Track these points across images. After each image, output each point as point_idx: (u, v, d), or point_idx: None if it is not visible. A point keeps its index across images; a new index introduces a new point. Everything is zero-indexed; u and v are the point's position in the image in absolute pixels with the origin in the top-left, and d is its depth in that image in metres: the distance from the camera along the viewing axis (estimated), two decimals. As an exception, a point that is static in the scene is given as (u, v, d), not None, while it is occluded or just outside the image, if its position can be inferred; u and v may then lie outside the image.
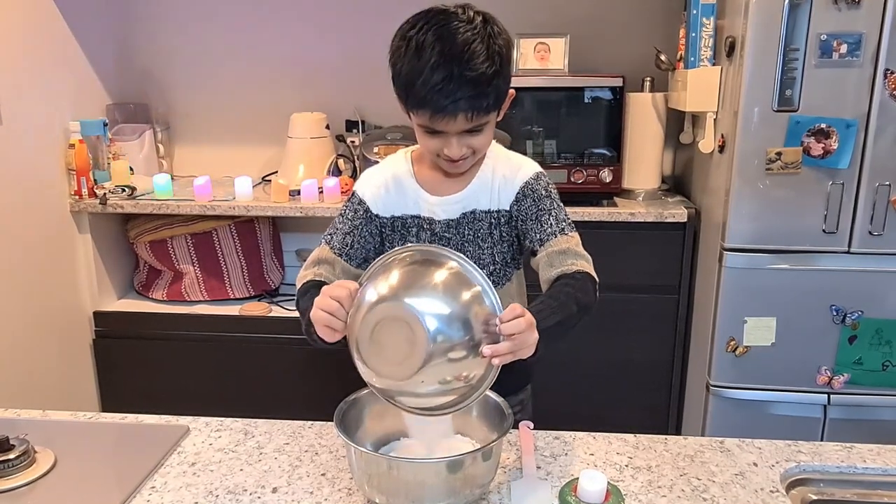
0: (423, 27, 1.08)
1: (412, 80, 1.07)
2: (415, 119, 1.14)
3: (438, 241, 1.24)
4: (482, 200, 1.24)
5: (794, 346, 2.05)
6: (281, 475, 1.06)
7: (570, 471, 1.06)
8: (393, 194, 1.26)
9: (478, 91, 1.07)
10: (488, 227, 1.24)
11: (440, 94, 1.06)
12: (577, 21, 2.56)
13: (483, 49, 1.07)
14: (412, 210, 1.26)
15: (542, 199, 1.23)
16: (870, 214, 1.94)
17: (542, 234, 1.21)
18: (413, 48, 1.08)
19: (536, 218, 1.23)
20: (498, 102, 1.13)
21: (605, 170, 2.33)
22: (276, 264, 2.75)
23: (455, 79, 1.05)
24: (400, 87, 1.12)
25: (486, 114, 1.11)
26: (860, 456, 1.11)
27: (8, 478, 1.03)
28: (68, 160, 2.40)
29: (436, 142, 1.14)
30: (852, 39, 1.83)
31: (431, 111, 1.08)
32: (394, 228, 1.27)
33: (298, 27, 2.74)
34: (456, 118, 1.09)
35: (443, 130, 1.12)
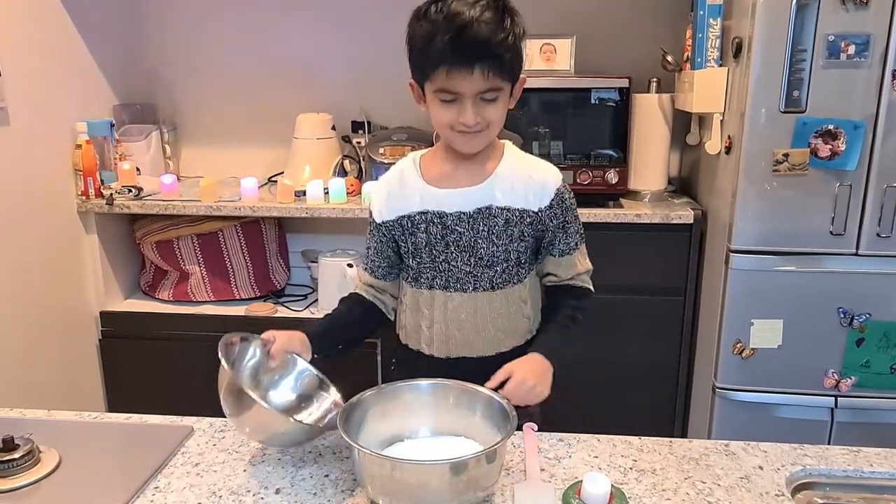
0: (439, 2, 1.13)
1: (430, 37, 1.11)
2: (430, 88, 1.16)
3: (451, 234, 1.24)
4: (499, 197, 1.23)
5: (801, 348, 2.04)
6: (284, 476, 1.06)
7: (573, 473, 1.06)
8: (396, 196, 1.27)
9: (492, 47, 1.10)
10: (504, 224, 1.23)
11: (455, 47, 1.09)
12: (584, 22, 2.55)
13: (493, 14, 1.11)
14: (417, 207, 1.25)
15: (568, 211, 1.28)
16: (878, 216, 1.93)
17: (565, 247, 1.29)
18: (427, 17, 1.12)
19: (563, 228, 1.28)
20: (513, 70, 1.15)
21: (612, 171, 2.32)
22: (281, 265, 2.75)
23: (469, 34, 1.08)
24: (417, 51, 1.15)
25: (501, 76, 1.12)
26: (867, 460, 1.11)
27: (12, 477, 1.03)
28: (75, 161, 2.41)
29: (450, 112, 1.15)
30: (860, 40, 1.82)
31: (448, 66, 1.10)
32: (402, 229, 1.27)
33: (305, 28, 2.74)
34: (472, 73, 1.10)
35: (458, 92, 1.12)
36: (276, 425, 1.05)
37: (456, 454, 0.95)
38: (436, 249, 1.25)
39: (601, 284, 1.35)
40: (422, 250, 1.27)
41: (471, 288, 1.26)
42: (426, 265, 1.27)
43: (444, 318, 1.28)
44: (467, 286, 1.26)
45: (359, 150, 2.63)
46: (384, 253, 1.33)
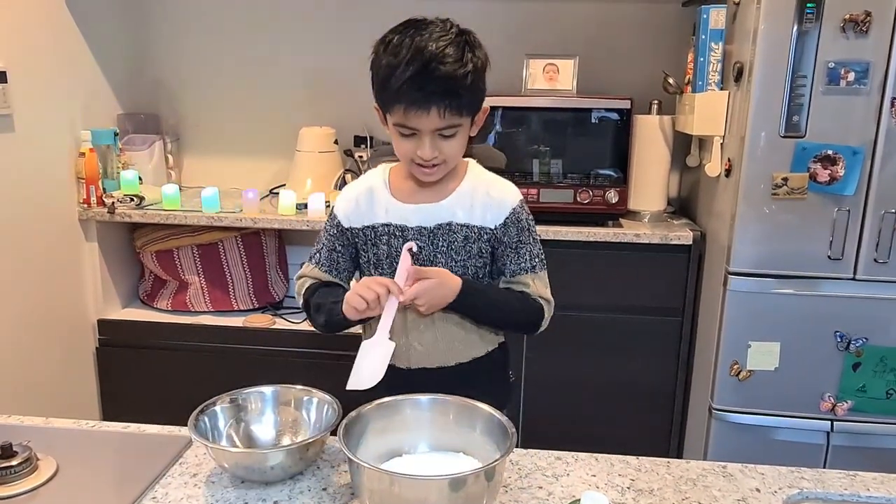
0: (402, 32, 1.17)
1: (388, 75, 1.14)
2: (390, 120, 1.20)
3: None
4: (459, 214, 1.26)
5: (798, 371, 2.04)
6: (282, 488, 1.06)
7: (571, 492, 1.06)
8: (363, 205, 1.30)
9: (450, 86, 1.12)
10: (464, 241, 1.26)
11: (413, 86, 1.12)
12: (587, 43, 2.58)
13: (455, 51, 1.14)
14: (382, 219, 1.28)
15: (523, 231, 1.29)
16: (875, 241, 1.95)
17: (516, 267, 1.29)
18: (390, 49, 1.16)
19: (515, 249, 1.28)
20: (471, 106, 1.18)
21: (612, 190, 2.33)
22: (280, 277, 2.76)
23: (429, 72, 1.11)
24: (377, 85, 1.19)
25: (459, 114, 1.15)
26: (864, 484, 1.11)
27: (10, 484, 1.02)
28: (78, 168, 2.42)
29: (409, 144, 1.19)
30: (860, 67, 1.85)
31: (405, 104, 1.13)
32: (365, 238, 1.30)
33: (310, 43, 2.77)
34: (429, 112, 1.13)
35: (416, 129, 1.16)
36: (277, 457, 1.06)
37: (455, 470, 0.95)
38: (396, 262, 1.27)
39: (600, 304, 1.35)
40: (383, 262, 1.29)
41: None
42: (386, 276, 1.28)
43: (403, 330, 1.29)
44: None
45: (360, 165, 2.64)
46: (344, 255, 1.34)
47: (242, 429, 1.16)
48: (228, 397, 1.16)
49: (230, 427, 1.14)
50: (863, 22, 1.82)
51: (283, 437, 1.17)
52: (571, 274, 2.24)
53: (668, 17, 2.59)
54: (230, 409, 1.15)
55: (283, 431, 1.17)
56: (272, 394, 1.19)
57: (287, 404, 1.19)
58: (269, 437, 1.17)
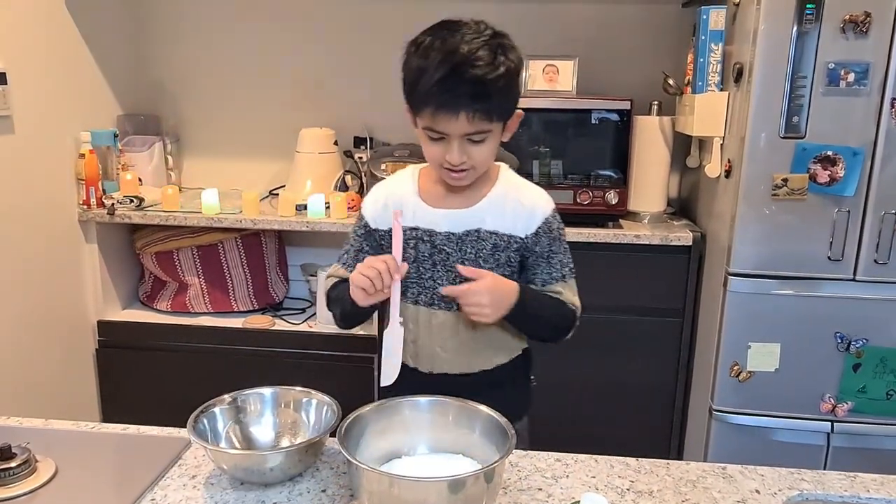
0: (434, 33, 1.13)
1: (418, 77, 1.11)
2: (420, 123, 1.17)
3: (438, 253, 1.24)
4: (488, 221, 1.24)
5: (798, 372, 2.04)
6: (281, 490, 1.05)
7: (571, 493, 1.06)
8: (391, 207, 1.27)
9: (480, 90, 1.09)
10: (492, 249, 1.24)
11: (442, 89, 1.09)
12: (587, 44, 2.58)
13: (487, 54, 1.10)
14: (410, 222, 1.26)
15: (555, 241, 1.26)
16: (875, 242, 1.95)
17: (547, 276, 1.27)
18: (421, 50, 1.12)
19: (547, 259, 1.26)
20: (502, 112, 1.15)
21: (612, 191, 2.33)
22: (280, 278, 2.75)
23: (458, 76, 1.08)
24: (407, 87, 1.15)
25: (488, 119, 1.13)
26: (864, 486, 1.11)
27: (9, 486, 1.02)
28: (78, 170, 2.42)
29: (438, 148, 1.16)
30: (860, 68, 1.85)
31: (434, 107, 1.11)
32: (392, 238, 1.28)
33: (309, 44, 2.77)
34: (457, 117, 1.10)
35: (444, 133, 1.13)
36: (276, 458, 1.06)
37: (454, 472, 0.95)
38: (423, 267, 1.26)
39: (600, 305, 1.35)
40: (409, 266, 1.27)
41: (455, 307, 1.26)
42: (412, 280, 1.28)
43: (428, 335, 1.28)
44: (452, 304, 1.26)
45: (360, 166, 2.65)
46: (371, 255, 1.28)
47: (241, 430, 1.16)
48: (228, 398, 1.16)
49: (229, 428, 1.14)
50: (862, 23, 1.81)
51: (283, 439, 1.16)
52: (571, 275, 2.23)
53: (667, 17, 2.59)
54: (229, 410, 1.15)
55: (282, 433, 1.17)
56: (271, 395, 1.19)
57: (286, 406, 1.19)
58: (269, 438, 1.17)
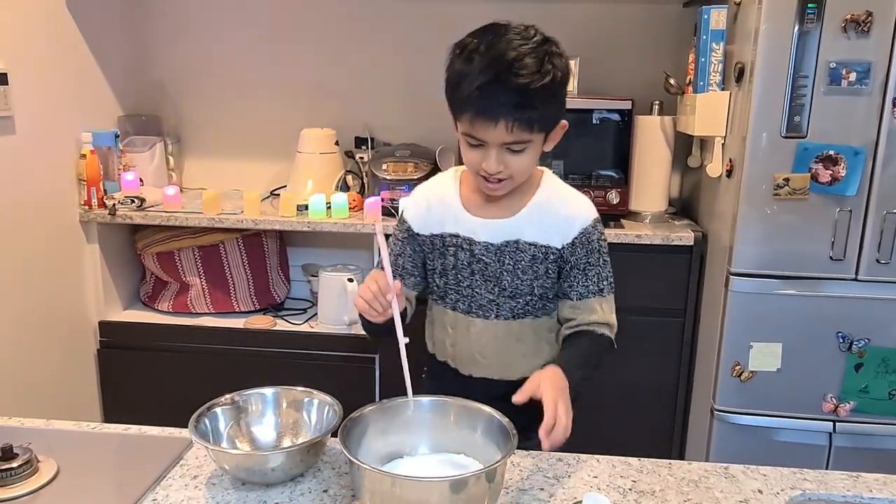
0: (480, 36, 1.10)
1: (459, 80, 1.09)
2: (459, 127, 1.14)
3: (477, 262, 1.24)
4: (528, 231, 1.22)
5: (800, 372, 2.04)
6: (283, 490, 1.05)
7: (573, 493, 1.06)
8: (434, 212, 1.26)
9: (522, 100, 1.06)
10: (531, 260, 1.22)
11: (483, 96, 1.06)
12: (588, 44, 2.57)
13: (534, 62, 1.07)
14: (451, 228, 1.25)
15: (593, 253, 1.23)
16: (877, 242, 1.94)
17: (583, 290, 1.24)
18: (465, 53, 1.10)
19: (583, 270, 1.23)
20: (543, 122, 1.11)
21: (613, 191, 2.33)
22: (282, 278, 2.75)
23: (500, 83, 1.05)
24: (448, 90, 1.13)
25: (529, 129, 1.09)
26: (866, 485, 1.10)
27: (10, 486, 1.02)
28: (79, 170, 2.42)
29: (476, 155, 1.13)
30: (861, 68, 1.84)
31: (473, 113, 1.08)
32: (433, 246, 1.27)
33: (310, 45, 2.77)
34: (496, 125, 1.07)
35: (482, 140, 1.11)
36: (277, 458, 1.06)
37: (456, 472, 0.95)
38: (461, 274, 1.25)
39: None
40: (448, 272, 1.27)
41: (493, 315, 1.26)
42: (451, 287, 1.27)
43: (466, 341, 1.29)
44: (489, 313, 1.26)
45: (361, 166, 2.64)
46: (413, 259, 1.30)
47: (243, 430, 1.16)
48: (229, 399, 1.16)
49: (231, 429, 1.14)
50: (864, 22, 1.81)
51: (284, 439, 1.16)
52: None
53: (668, 17, 2.59)
54: (231, 410, 1.15)
55: (283, 433, 1.17)
56: (273, 395, 1.19)
57: (288, 406, 1.19)
58: (270, 438, 1.17)
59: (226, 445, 1.12)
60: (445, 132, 2.52)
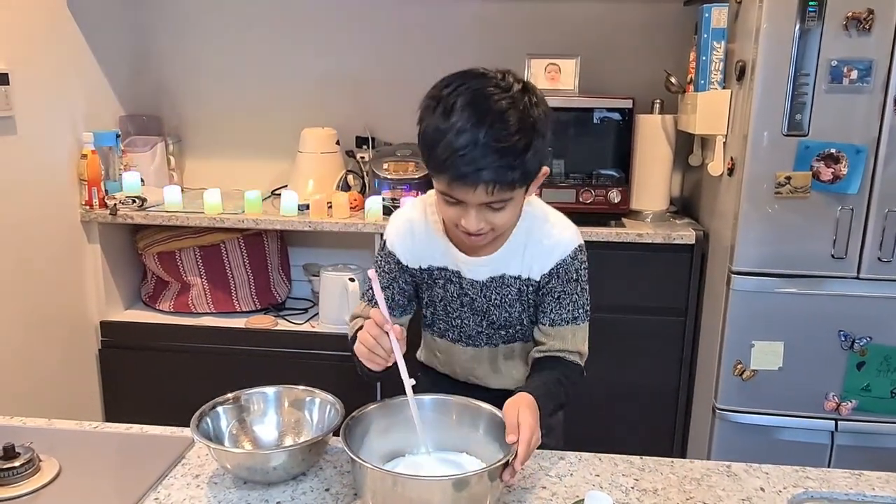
0: (457, 88, 1.03)
1: (436, 140, 1.01)
2: (435, 184, 1.09)
3: (465, 296, 1.24)
4: (512, 265, 1.20)
5: (802, 371, 2.04)
6: (285, 489, 1.05)
7: (575, 492, 1.06)
8: (420, 245, 1.23)
9: (503, 163, 1.00)
10: (517, 293, 1.22)
11: (462, 161, 0.99)
12: (588, 43, 2.58)
13: (516, 120, 1.00)
14: (439, 262, 1.23)
15: (569, 283, 1.20)
16: (879, 240, 1.94)
17: (556, 317, 1.20)
18: (442, 108, 1.02)
19: (557, 299, 1.20)
20: (525, 179, 1.06)
21: (614, 190, 2.33)
22: (283, 278, 2.75)
23: (480, 146, 0.99)
24: (423, 147, 1.06)
25: (510, 189, 1.04)
26: (869, 483, 1.10)
27: (13, 485, 1.02)
28: (80, 170, 2.42)
29: (454, 211, 1.08)
30: (863, 66, 1.84)
31: (451, 177, 1.02)
32: (423, 279, 1.26)
33: (311, 44, 2.77)
34: (476, 189, 1.01)
35: (461, 200, 1.05)
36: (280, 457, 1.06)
37: (458, 470, 0.95)
38: (451, 306, 1.25)
39: (603, 304, 1.34)
40: (437, 304, 1.27)
41: (483, 344, 1.27)
42: (440, 318, 1.28)
43: (459, 365, 1.30)
44: (479, 342, 1.27)
45: (362, 166, 2.64)
46: (406, 292, 1.26)
47: (245, 429, 1.16)
48: (231, 398, 1.16)
49: (233, 428, 1.14)
50: (865, 20, 1.81)
51: (286, 438, 1.17)
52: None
53: (669, 16, 2.58)
54: (233, 409, 1.15)
55: (285, 432, 1.17)
56: (275, 394, 1.19)
57: (290, 405, 1.19)
58: (272, 437, 1.17)
59: (228, 444, 1.12)
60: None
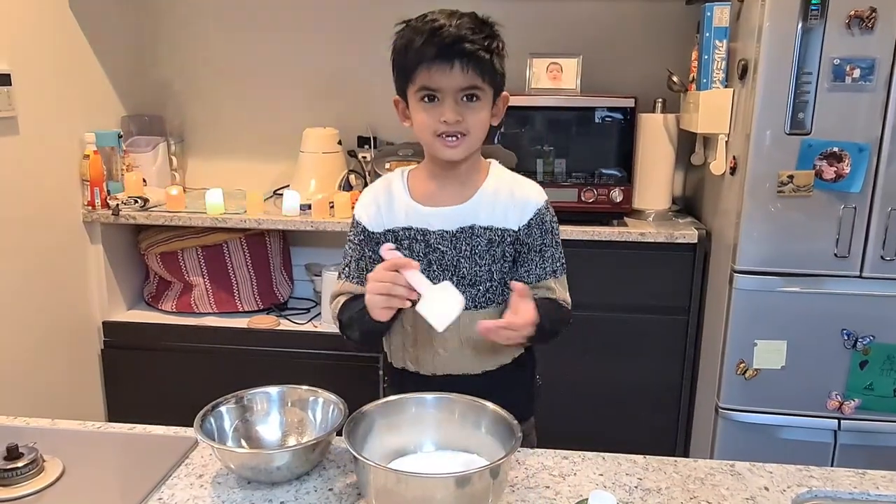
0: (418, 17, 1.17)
1: (407, 44, 1.14)
2: (412, 91, 1.17)
3: (433, 252, 1.23)
4: (482, 216, 1.23)
5: (805, 370, 2.03)
6: (288, 489, 1.05)
7: (579, 491, 1.05)
8: (384, 209, 1.27)
9: (476, 40, 1.12)
10: (487, 244, 1.23)
11: (434, 43, 1.11)
12: (590, 42, 2.57)
13: (475, 23, 1.15)
14: (403, 222, 1.25)
15: (547, 233, 1.25)
16: (882, 239, 1.94)
17: (540, 271, 1.25)
18: (406, 29, 1.16)
19: (540, 252, 1.25)
20: (493, 75, 1.16)
21: (616, 189, 2.33)
22: (285, 278, 2.76)
23: (449, 32, 1.12)
24: (398, 59, 1.17)
25: (480, 76, 1.14)
26: (873, 482, 1.10)
27: (16, 486, 1.02)
28: (82, 171, 2.42)
29: (432, 113, 1.16)
30: (865, 64, 1.84)
31: (428, 63, 1.12)
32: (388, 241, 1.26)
33: (313, 44, 2.77)
34: (452, 67, 1.12)
35: (438, 88, 1.14)
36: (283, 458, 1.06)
37: (460, 468, 0.95)
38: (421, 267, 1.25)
39: (605, 303, 1.34)
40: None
41: None
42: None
43: (426, 337, 1.26)
44: None
45: (364, 165, 2.65)
46: (375, 260, 1.26)
47: (248, 429, 1.16)
48: (234, 398, 1.16)
49: (236, 428, 1.14)
50: (868, 18, 1.81)
51: (289, 438, 1.17)
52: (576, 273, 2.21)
53: (671, 15, 2.58)
54: (236, 409, 1.15)
55: (288, 432, 1.17)
56: (278, 394, 1.19)
57: (293, 405, 1.19)
58: (275, 437, 1.17)
59: (231, 444, 1.12)
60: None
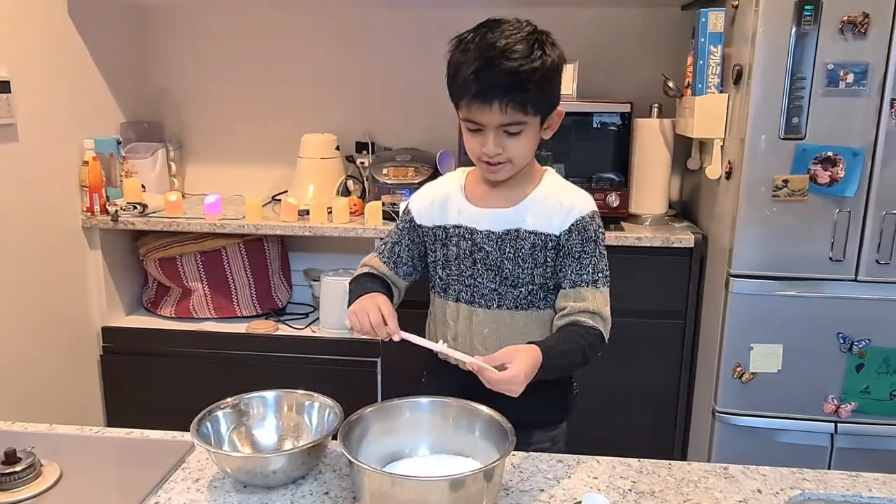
0: (476, 30, 1.18)
1: (457, 70, 1.16)
2: (460, 115, 1.21)
3: (478, 251, 1.27)
4: (528, 221, 1.25)
5: (801, 373, 2.04)
6: (284, 493, 1.06)
7: (573, 494, 1.06)
8: (438, 207, 1.32)
9: (513, 81, 1.12)
10: (530, 248, 1.25)
11: (477, 81, 1.13)
12: (586, 47, 2.58)
13: (524, 48, 1.14)
14: (454, 220, 1.30)
15: (588, 242, 1.25)
16: (877, 242, 1.95)
17: (576, 277, 1.25)
18: (462, 45, 1.18)
19: (577, 258, 1.25)
20: (537, 104, 1.17)
21: (613, 194, 2.34)
22: (283, 283, 2.76)
23: (493, 66, 1.12)
24: (448, 81, 1.20)
25: (523, 111, 1.15)
26: (866, 485, 1.11)
27: (14, 490, 1.03)
28: (81, 177, 2.43)
29: (476, 140, 1.20)
30: (859, 69, 1.85)
31: (469, 97, 1.15)
32: (435, 238, 1.32)
33: (311, 50, 2.78)
34: (491, 107, 1.14)
35: (480, 123, 1.17)
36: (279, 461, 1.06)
37: (455, 472, 0.95)
38: (464, 264, 1.29)
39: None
40: (451, 263, 1.30)
41: (495, 305, 1.28)
42: (454, 278, 1.31)
43: (468, 332, 1.30)
44: (491, 303, 1.28)
45: (362, 171, 2.66)
46: (410, 250, 1.35)
47: (245, 433, 1.16)
48: (231, 402, 1.17)
49: (232, 432, 1.15)
50: (861, 23, 1.82)
51: (285, 442, 1.17)
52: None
53: (667, 20, 2.60)
54: (232, 414, 1.16)
55: (284, 436, 1.18)
56: (274, 398, 1.20)
57: (289, 409, 1.19)
58: (272, 441, 1.17)
59: (227, 448, 1.12)
60: (446, 136, 2.55)
